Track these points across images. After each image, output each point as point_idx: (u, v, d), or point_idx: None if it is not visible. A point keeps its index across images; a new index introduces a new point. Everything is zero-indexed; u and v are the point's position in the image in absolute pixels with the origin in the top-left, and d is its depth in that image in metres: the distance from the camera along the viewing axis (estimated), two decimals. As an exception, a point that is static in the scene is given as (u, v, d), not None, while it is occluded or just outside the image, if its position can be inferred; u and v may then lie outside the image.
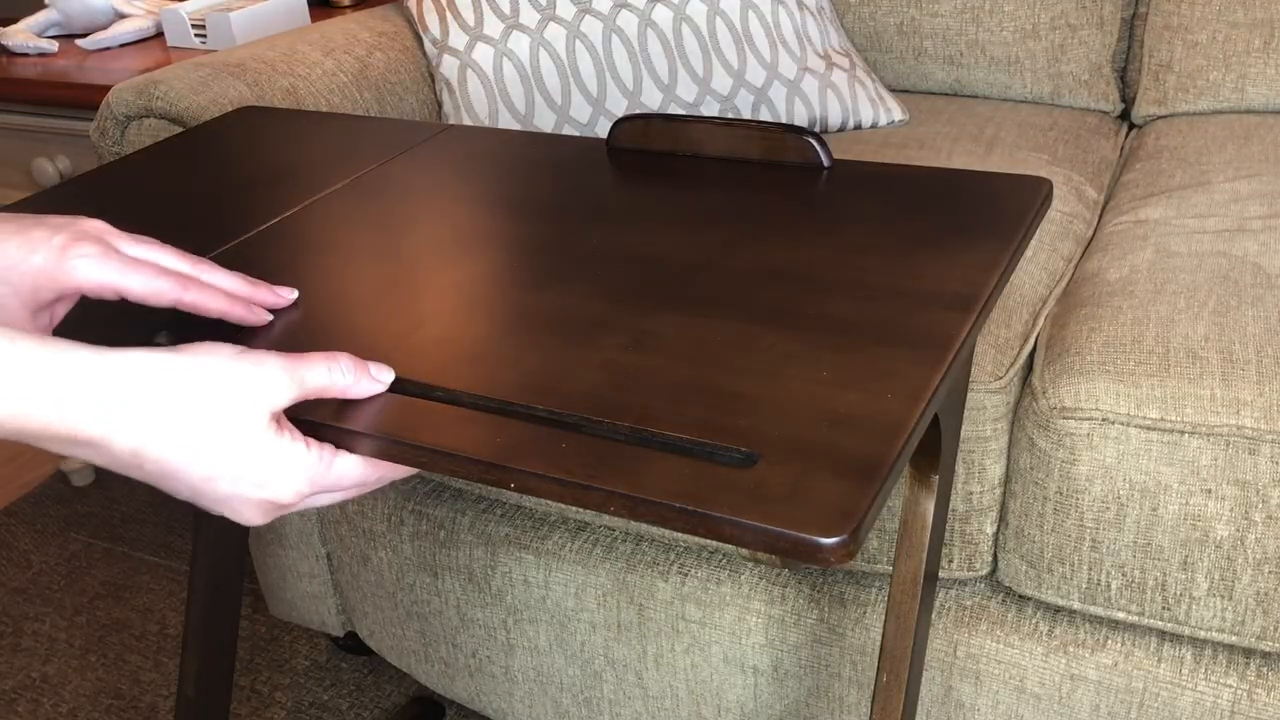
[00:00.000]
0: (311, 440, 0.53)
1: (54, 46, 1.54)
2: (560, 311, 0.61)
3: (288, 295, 0.64)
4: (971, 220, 0.67)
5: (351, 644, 1.38)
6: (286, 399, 0.52)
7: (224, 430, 0.50)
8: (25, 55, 1.53)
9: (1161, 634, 0.86)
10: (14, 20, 1.65)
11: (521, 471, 0.49)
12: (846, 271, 0.63)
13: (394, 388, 0.56)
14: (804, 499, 0.46)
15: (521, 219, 0.73)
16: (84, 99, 1.37)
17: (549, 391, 0.54)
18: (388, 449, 0.53)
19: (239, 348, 0.52)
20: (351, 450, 0.54)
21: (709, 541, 0.98)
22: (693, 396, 0.53)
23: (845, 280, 0.62)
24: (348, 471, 0.54)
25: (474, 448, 0.51)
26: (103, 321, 0.63)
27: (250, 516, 0.53)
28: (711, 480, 0.47)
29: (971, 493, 0.85)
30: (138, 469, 0.50)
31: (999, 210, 0.68)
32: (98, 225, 0.60)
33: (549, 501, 1.03)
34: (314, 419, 0.54)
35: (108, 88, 1.23)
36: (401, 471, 0.57)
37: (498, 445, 0.51)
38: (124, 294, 0.59)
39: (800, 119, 1.29)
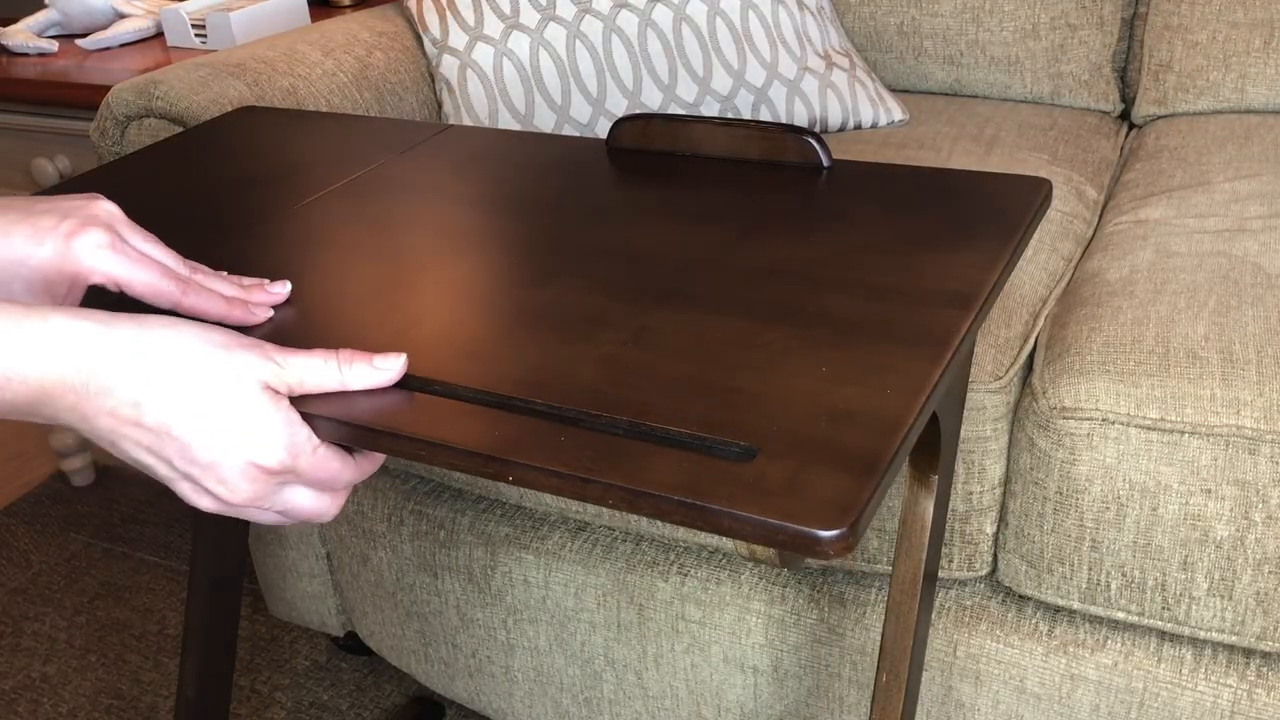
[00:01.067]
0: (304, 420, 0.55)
1: (54, 46, 1.54)
2: (559, 308, 0.61)
3: (281, 290, 0.64)
4: (971, 220, 0.67)
5: (351, 644, 1.38)
6: (274, 378, 0.53)
7: (218, 382, 0.52)
8: (25, 55, 1.53)
9: (1161, 634, 0.86)
10: (14, 20, 1.65)
11: (520, 464, 0.49)
12: (846, 270, 0.63)
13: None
14: (803, 492, 0.46)
15: (521, 218, 0.73)
16: (84, 99, 1.37)
17: (548, 386, 0.54)
18: (387, 442, 0.53)
19: (236, 333, 0.55)
20: (350, 442, 0.55)
21: (709, 541, 0.98)
22: (691, 392, 0.53)
23: (844, 279, 0.62)
24: (327, 460, 0.55)
25: (472, 441, 0.51)
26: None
27: (232, 483, 0.53)
28: (710, 473, 0.47)
29: (971, 493, 0.85)
30: (135, 424, 0.52)
31: (999, 210, 0.68)
32: (108, 210, 0.59)
33: (548, 501, 1.03)
34: (311, 411, 0.54)
35: (108, 88, 1.23)
36: (370, 470, 0.59)
37: (496, 438, 0.51)
38: (125, 288, 0.58)
39: (800, 119, 1.29)
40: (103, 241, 0.57)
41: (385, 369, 0.55)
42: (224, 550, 0.98)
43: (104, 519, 1.70)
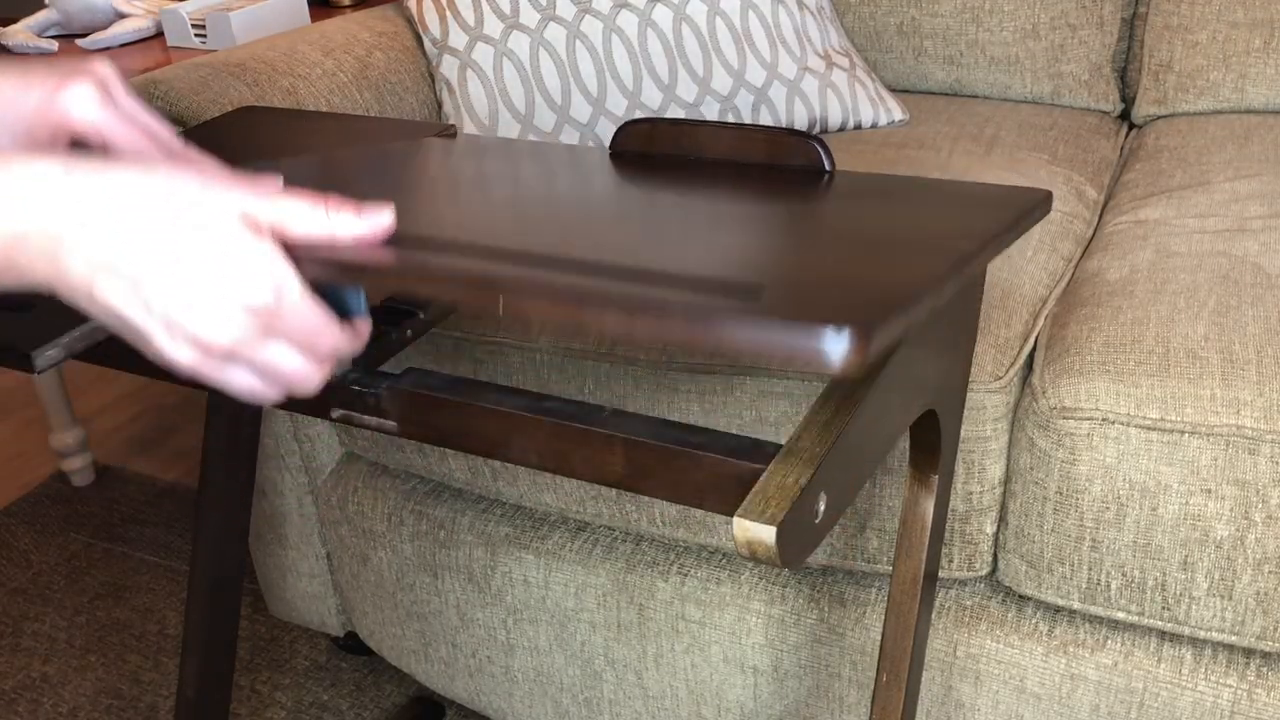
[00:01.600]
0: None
1: (54, 46, 1.54)
2: (559, 244, 0.61)
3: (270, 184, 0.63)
4: (972, 215, 0.67)
5: (351, 644, 1.38)
6: (256, 210, 0.51)
7: (196, 215, 0.49)
8: (25, 55, 1.53)
9: (1161, 634, 0.86)
10: (14, 20, 1.65)
11: (512, 290, 0.47)
12: (855, 227, 0.63)
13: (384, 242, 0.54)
14: (814, 312, 0.44)
15: (521, 207, 0.73)
16: (84, 99, 1.37)
17: (546, 248, 0.53)
18: (374, 278, 0.50)
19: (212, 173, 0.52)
20: (336, 278, 0.52)
21: (709, 541, 0.98)
22: (699, 260, 0.51)
23: (854, 231, 0.62)
24: (312, 310, 0.52)
25: (464, 271, 0.49)
26: None
27: (214, 322, 0.50)
28: (715, 302, 0.45)
29: (971, 493, 0.85)
30: (109, 269, 0.48)
31: (1000, 209, 0.68)
32: (103, 68, 0.58)
33: (548, 501, 1.03)
34: (300, 255, 0.52)
35: (108, 88, 1.23)
36: (355, 345, 0.56)
37: (489, 269, 0.49)
38: (110, 144, 0.57)
39: (800, 119, 1.29)
40: (91, 94, 0.56)
41: (373, 218, 0.53)
42: (224, 550, 0.98)
43: (104, 519, 1.70)
